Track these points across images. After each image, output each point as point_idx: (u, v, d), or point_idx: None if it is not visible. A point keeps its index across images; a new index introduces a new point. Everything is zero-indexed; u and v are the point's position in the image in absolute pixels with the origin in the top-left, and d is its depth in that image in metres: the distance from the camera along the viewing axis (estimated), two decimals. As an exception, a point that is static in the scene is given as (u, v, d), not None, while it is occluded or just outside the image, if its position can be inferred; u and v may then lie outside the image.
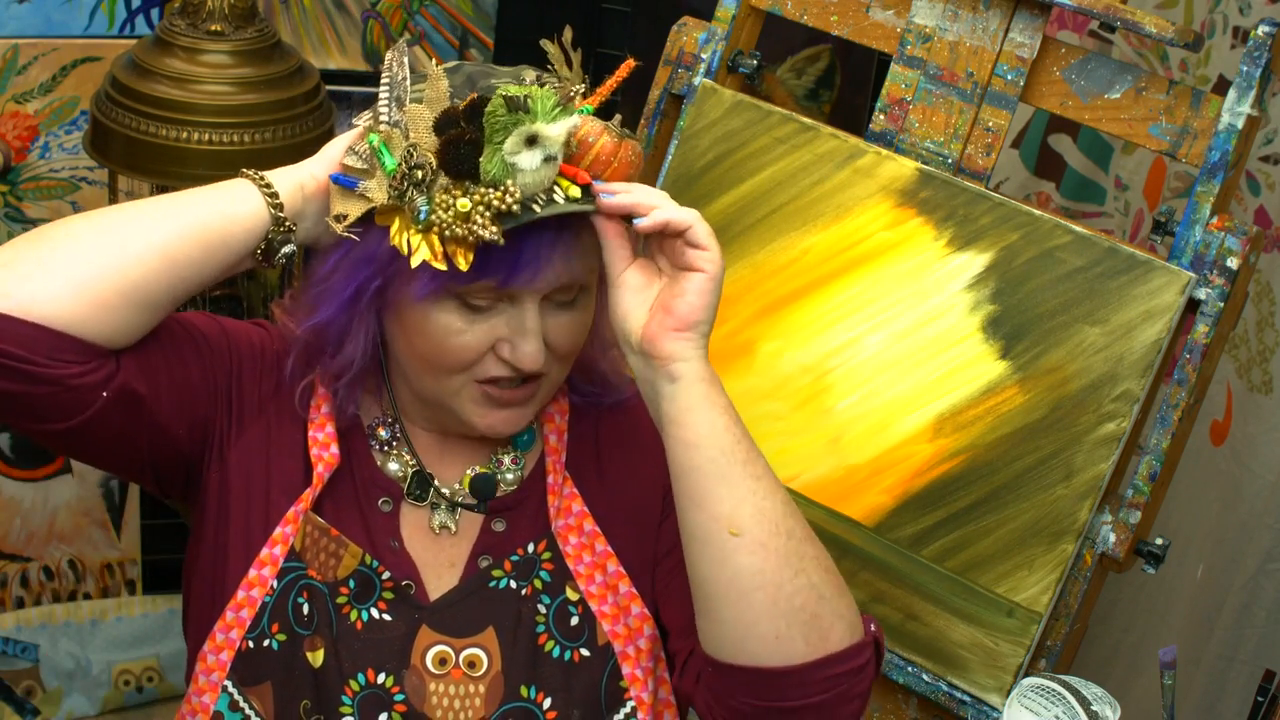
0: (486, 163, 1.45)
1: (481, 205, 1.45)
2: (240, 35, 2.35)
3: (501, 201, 1.44)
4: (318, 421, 1.62)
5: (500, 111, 1.44)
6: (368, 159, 1.52)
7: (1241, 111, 1.90)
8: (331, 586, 1.58)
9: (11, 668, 2.91)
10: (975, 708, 1.95)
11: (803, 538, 1.52)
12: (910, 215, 2.04)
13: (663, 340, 1.51)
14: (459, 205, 1.45)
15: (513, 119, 1.44)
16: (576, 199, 1.47)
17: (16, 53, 2.62)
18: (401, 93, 1.53)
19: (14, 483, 2.86)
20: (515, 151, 1.44)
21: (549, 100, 1.46)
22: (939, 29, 2.08)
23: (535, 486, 1.67)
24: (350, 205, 1.53)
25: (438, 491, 1.64)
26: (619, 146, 1.51)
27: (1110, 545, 1.93)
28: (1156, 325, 1.89)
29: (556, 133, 1.45)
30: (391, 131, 1.51)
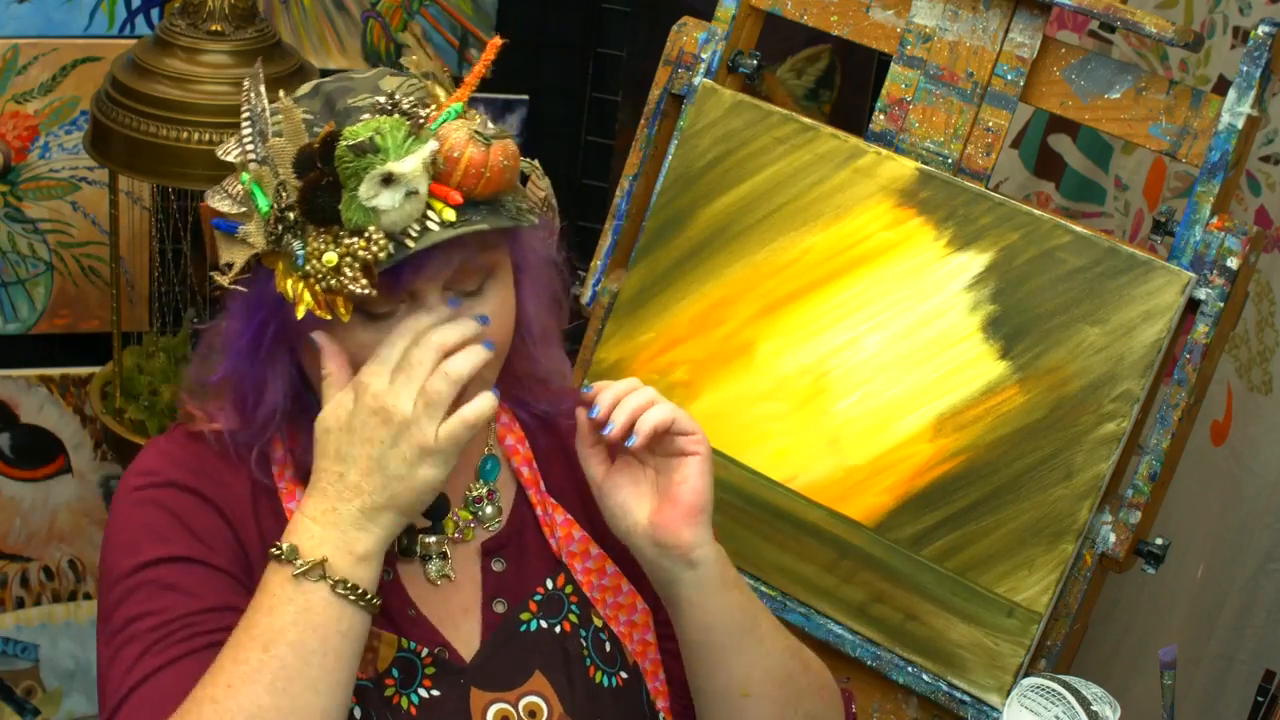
0: (346, 210, 1.37)
1: (348, 257, 1.37)
2: (240, 35, 2.35)
3: (367, 251, 1.37)
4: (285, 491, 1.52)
5: (348, 157, 1.37)
6: (243, 200, 1.45)
7: (1241, 111, 1.90)
8: (377, 680, 1.49)
9: (11, 668, 2.91)
10: (975, 708, 1.95)
11: (799, 672, 1.61)
12: (910, 215, 2.04)
13: (677, 530, 1.51)
14: (326, 260, 1.38)
15: (363, 163, 1.36)
16: (452, 222, 1.38)
17: (16, 53, 2.62)
18: (263, 125, 1.45)
19: (14, 483, 2.86)
20: (372, 196, 1.36)
21: (399, 132, 1.38)
22: (939, 29, 2.08)
23: (526, 520, 1.62)
24: (234, 252, 1.46)
25: (425, 544, 1.56)
26: (487, 154, 1.40)
27: (1110, 545, 1.93)
28: (1156, 325, 1.89)
29: (411, 168, 1.36)
30: (261, 170, 1.43)
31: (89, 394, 2.72)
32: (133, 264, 2.69)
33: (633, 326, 2.18)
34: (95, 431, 2.85)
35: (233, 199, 1.46)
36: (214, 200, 1.47)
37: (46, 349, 2.82)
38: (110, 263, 2.57)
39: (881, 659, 2.00)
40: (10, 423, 2.82)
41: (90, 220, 2.74)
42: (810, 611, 2.04)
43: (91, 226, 2.74)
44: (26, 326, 2.78)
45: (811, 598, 2.04)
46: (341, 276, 1.38)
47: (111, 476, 2.88)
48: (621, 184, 2.27)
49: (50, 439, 2.85)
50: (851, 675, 2.04)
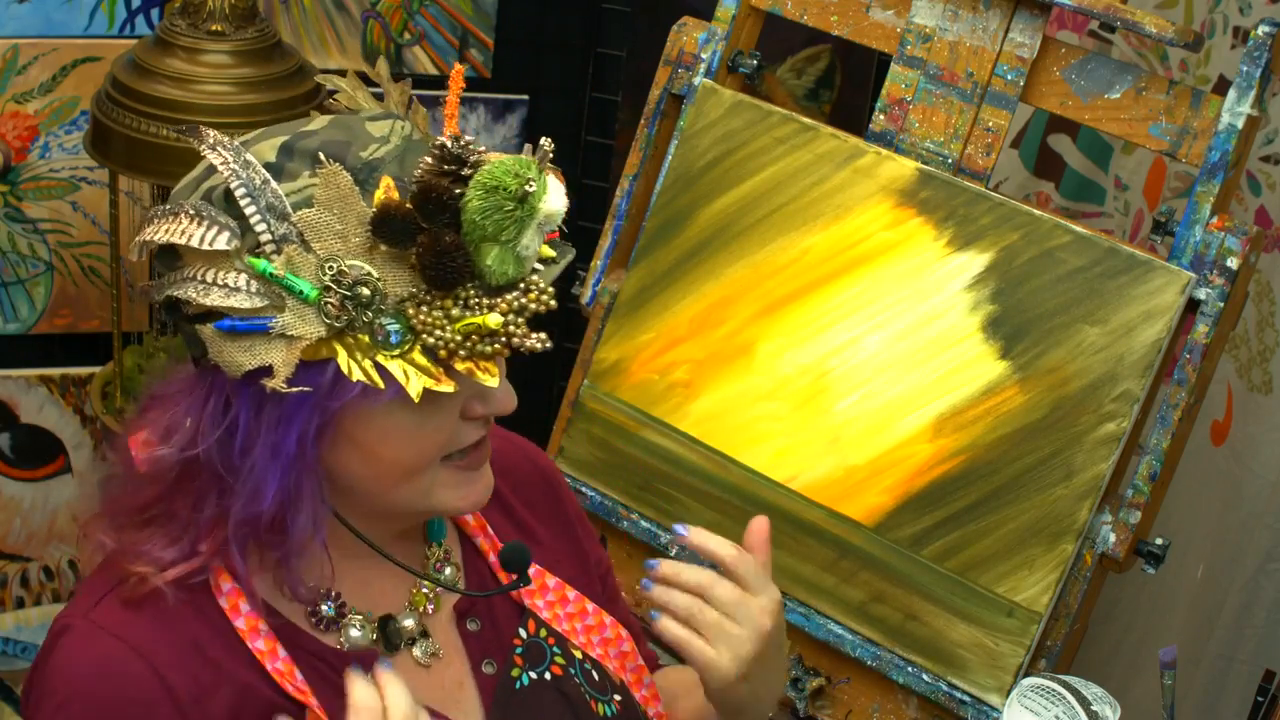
0: (500, 264, 1.26)
1: (513, 314, 1.27)
2: (240, 35, 2.35)
3: (538, 303, 1.27)
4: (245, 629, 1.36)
5: (509, 207, 1.25)
6: (261, 290, 1.28)
7: (1241, 111, 1.90)
8: None
9: (11, 668, 2.91)
10: (975, 708, 1.95)
11: None
12: (910, 215, 2.04)
13: None
14: (489, 322, 1.26)
15: (526, 210, 1.26)
16: (554, 258, 1.32)
17: (16, 53, 2.62)
18: (271, 198, 1.28)
19: (14, 483, 2.86)
20: (529, 243, 1.27)
21: (533, 169, 1.27)
22: (939, 29, 2.08)
23: (481, 572, 1.54)
24: (268, 353, 1.27)
25: (405, 628, 1.46)
26: (562, 180, 1.33)
27: (1110, 545, 1.93)
28: (1156, 325, 1.89)
29: (561, 206, 1.29)
30: (289, 250, 1.27)
31: (89, 394, 2.71)
32: (133, 264, 2.69)
33: (633, 326, 2.18)
34: (95, 431, 2.85)
35: (244, 291, 1.28)
36: (209, 299, 1.28)
37: (46, 349, 2.82)
38: (110, 263, 2.57)
39: (881, 659, 2.00)
40: (10, 423, 2.82)
41: (90, 220, 2.74)
42: (810, 611, 2.04)
43: (91, 226, 2.74)
44: (26, 326, 2.78)
45: (811, 598, 2.04)
46: (512, 335, 1.27)
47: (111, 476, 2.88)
48: (621, 184, 2.27)
49: (50, 439, 2.85)
50: (851, 675, 2.04)
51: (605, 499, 2.17)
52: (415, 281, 1.28)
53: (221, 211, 1.29)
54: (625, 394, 2.17)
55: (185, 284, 1.29)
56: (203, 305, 1.29)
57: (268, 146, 1.31)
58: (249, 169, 1.28)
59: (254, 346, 1.28)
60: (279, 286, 1.27)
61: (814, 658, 2.07)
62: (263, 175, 1.28)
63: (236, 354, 1.28)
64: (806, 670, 2.08)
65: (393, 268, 1.28)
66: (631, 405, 2.16)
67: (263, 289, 1.28)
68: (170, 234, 1.29)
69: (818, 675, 2.07)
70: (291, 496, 1.32)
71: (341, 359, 1.28)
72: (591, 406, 2.19)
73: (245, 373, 1.28)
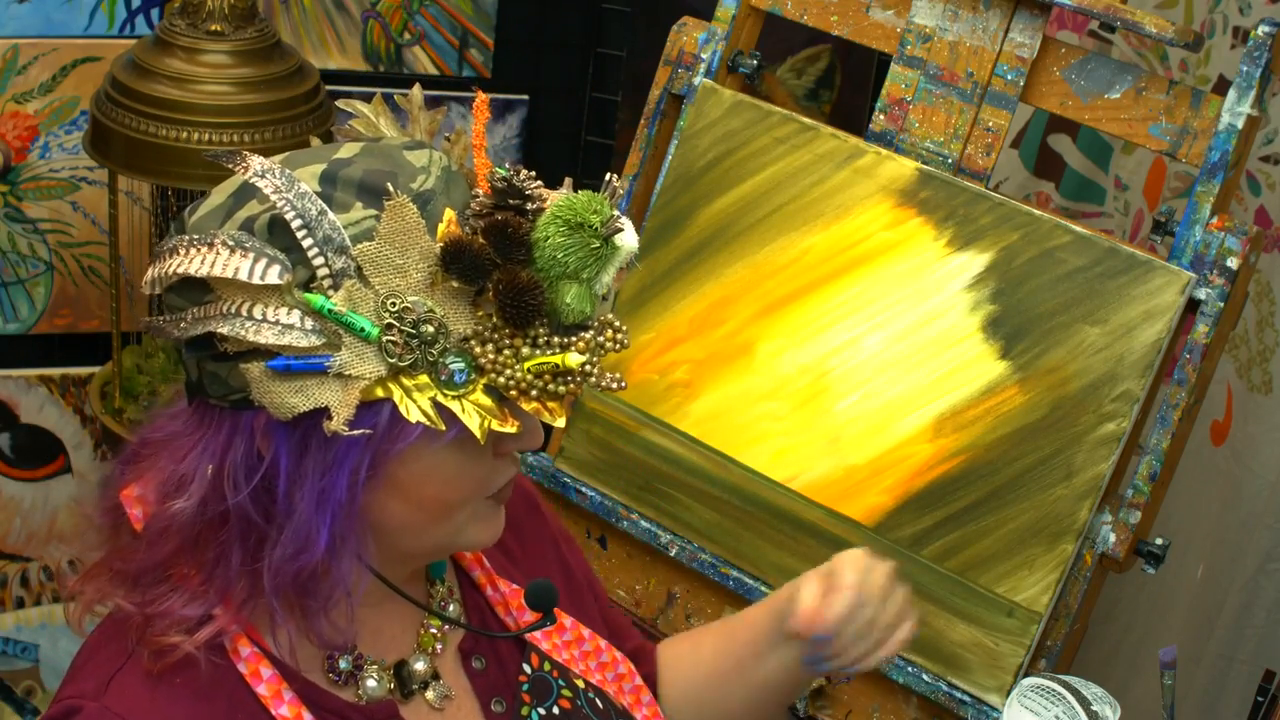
0: (579, 302, 1.23)
1: (590, 354, 1.24)
2: (240, 35, 2.35)
3: (613, 342, 1.25)
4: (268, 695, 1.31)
5: (595, 244, 1.23)
6: (316, 327, 1.22)
7: (1241, 111, 1.90)
8: None
9: (11, 668, 2.91)
10: (975, 708, 1.95)
11: None
12: (910, 215, 2.04)
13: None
14: (568, 361, 1.22)
15: (609, 250, 1.23)
16: (604, 295, 1.28)
17: (16, 53, 2.62)
18: (330, 231, 1.22)
19: (14, 483, 2.86)
20: (603, 281, 1.24)
21: (605, 205, 1.25)
22: (939, 29, 2.08)
23: (478, 605, 1.50)
24: (322, 394, 1.21)
25: (417, 673, 1.42)
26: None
27: (1110, 545, 1.93)
28: (1156, 325, 1.89)
29: (634, 242, 1.26)
30: (349, 286, 1.22)
31: (89, 394, 2.72)
32: (133, 264, 2.69)
33: (633, 326, 2.18)
34: (95, 431, 2.85)
35: (298, 329, 1.22)
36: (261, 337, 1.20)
37: (46, 349, 2.82)
38: (110, 263, 2.57)
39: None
40: (10, 423, 2.82)
41: (90, 220, 2.74)
42: (810, 611, 2.04)
43: (91, 226, 2.74)
44: (26, 326, 2.78)
45: (811, 598, 2.04)
46: (588, 376, 1.24)
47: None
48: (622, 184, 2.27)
49: (50, 439, 2.85)
50: (851, 675, 2.04)
51: (605, 499, 2.17)
52: (480, 319, 1.24)
53: (266, 244, 1.22)
54: (625, 394, 2.17)
55: (227, 320, 1.22)
56: (249, 343, 1.21)
57: (307, 174, 1.25)
58: (304, 199, 1.22)
59: (307, 387, 1.21)
60: (336, 324, 1.21)
61: (814, 658, 2.07)
62: (319, 206, 1.22)
63: (288, 395, 1.22)
64: (806, 670, 2.08)
65: (454, 304, 1.23)
66: (631, 405, 2.16)
67: (318, 326, 1.21)
68: (209, 266, 1.21)
69: (818, 675, 2.07)
70: (337, 544, 1.26)
71: (398, 399, 1.22)
72: (591, 406, 2.19)
73: (298, 415, 1.22)
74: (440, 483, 1.29)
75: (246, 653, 1.30)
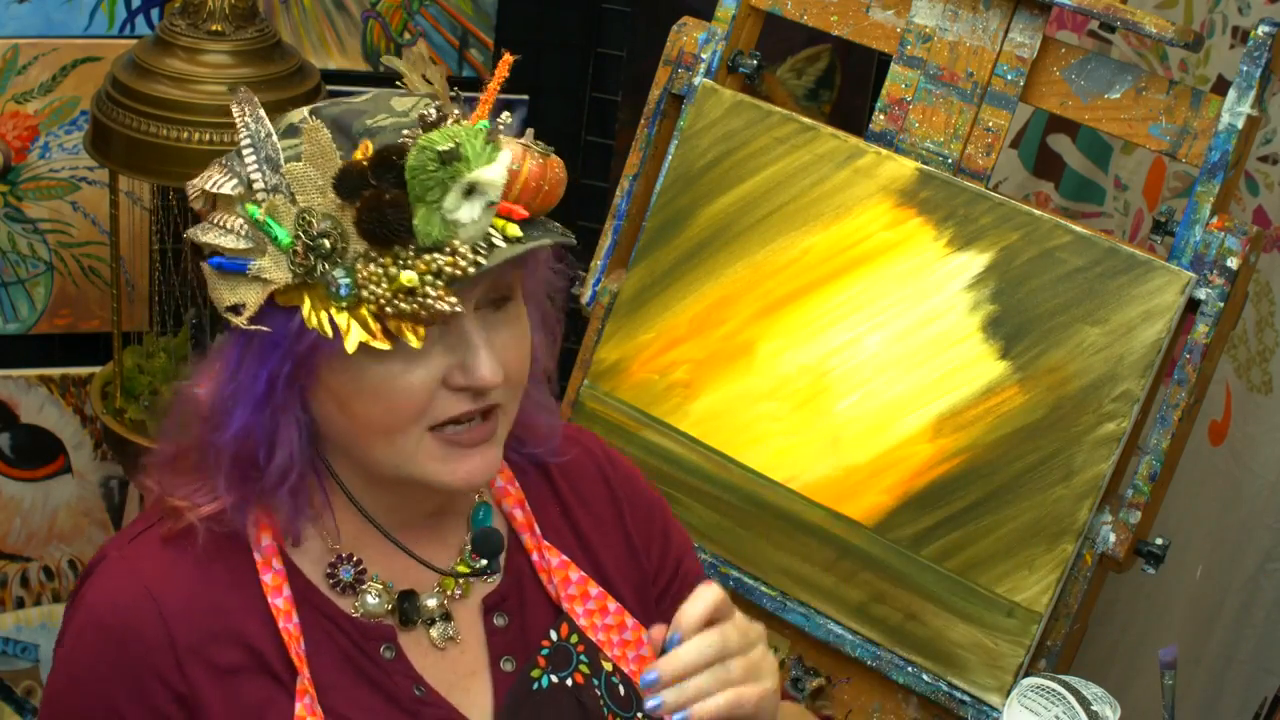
0: (425, 224, 1.30)
1: (430, 275, 1.30)
2: (240, 35, 2.35)
3: (455, 266, 1.30)
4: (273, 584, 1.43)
5: (431, 167, 1.30)
6: (249, 234, 1.35)
7: (1241, 111, 1.90)
8: None
9: (11, 668, 2.91)
10: (975, 708, 1.95)
11: None
12: (910, 215, 2.04)
13: None
14: (403, 279, 1.30)
15: (449, 173, 1.29)
16: (519, 238, 1.33)
17: (16, 53, 2.62)
18: (270, 151, 1.36)
19: (14, 483, 2.86)
20: (455, 207, 1.30)
21: (477, 140, 1.31)
22: (939, 29, 2.08)
23: (522, 567, 1.54)
24: (245, 292, 1.36)
25: (426, 607, 1.48)
26: (544, 168, 1.36)
27: (1110, 545, 1.93)
28: (1156, 325, 1.89)
29: (497, 176, 1.30)
30: (274, 199, 1.35)
31: (89, 394, 2.71)
32: (133, 264, 2.69)
33: (633, 326, 2.18)
34: (95, 431, 2.85)
35: (235, 234, 1.36)
36: (207, 237, 1.37)
37: (46, 349, 2.81)
38: (110, 263, 2.57)
39: (881, 659, 2.00)
40: (10, 423, 2.82)
41: (90, 220, 2.74)
42: (810, 611, 2.04)
43: (91, 226, 2.74)
44: (26, 326, 2.78)
45: (811, 598, 2.04)
46: (425, 296, 1.30)
47: (111, 476, 2.88)
48: (621, 184, 2.27)
49: (50, 439, 2.85)
50: (851, 675, 2.04)
51: (605, 499, 2.17)
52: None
53: (240, 163, 1.38)
54: (625, 394, 2.17)
55: (199, 226, 1.39)
56: (200, 243, 1.38)
57: (298, 112, 1.39)
58: (258, 123, 1.37)
59: (237, 286, 1.36)
60: (262, 232, 1.35)
61: (814, 658, 2.07)
62: (268, 130, 1.37)
63: (223, 291, 1.37)
64: (806, 670, 2.08)
65: None
66: (631, 405, 2.16)
67: (251, 234, 1.35)
68: (202, 181, 1.39)
69: (818, 675, 2.07)
70: (265, 437, 1.39)
71: (305, 307, 1.34)
72: (591, 406, 2.19)
73: (225, 308, 1.37)
74: (368, 399, 1.37)
75: (265, 544, 1.43)
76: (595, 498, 1.61)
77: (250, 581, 1.42)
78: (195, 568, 1.42)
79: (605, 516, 1.61)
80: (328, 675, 1.42)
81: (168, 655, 1.39)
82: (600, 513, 1.61)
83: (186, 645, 1.40)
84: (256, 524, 1.44)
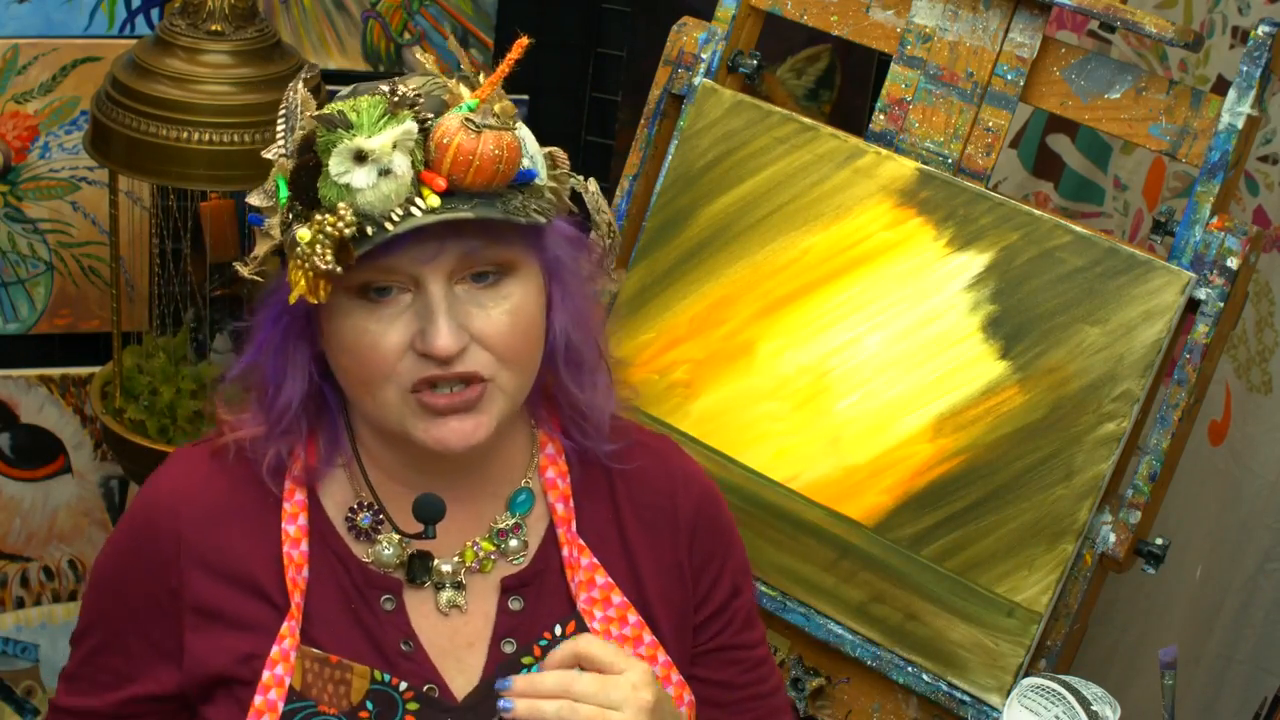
0: (323, 187, 1.38)
1: (320, 234, 1.37)
2: (240, 35, 2.35)
3: (334, 227, 1.36)
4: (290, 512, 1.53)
5: (320, 131, 1.37)
6: (271, 194, 1.46)
7: (1241, 111, 1.90)
8: (350, 714, 1.47)
9: (11, 668, 2.91)
10: (975, 708, 1.95)
11: None
12: (910, 215, 2.04)
13: None
14: (299, 235, 1.38)
15: (333, 137, 1.37)
16: (435, 208, 1.37)
17: (16, 53, 2.62)
18: (294, 121, 1.47)
19: (14, 483, 2.86)
20: (344, 171, 1.36)
21: (374, 110, 1.38)
22: (939, 29, 2.08)
23: (551, 559, 1.57)
24: (260, 245, 1.47)
25: (439, 570, 1.53)
26: (476, 142, 1.38)
27: (1110, 545, 1.93)
28: (1156, 325, 1.89)
29: (379, 144, 1.36)
30: (285, 164, 1.45)
31: (89, 394, 2.71)
32: (133, 264, 2.69)
33: (633, 326, 2.18)
34: (95, 431, 2.85)
35: (264, 193, 1.47)
36: (253, 195, 1.48)
37: (46, 349, 2.81)
38: (110, 263, 2.57)
39: (881, 659, 2.00)
40: (10, 423, 2.82)
41: (90, 220, 2.74)
42: (810, 611, 2.05)
43: (91, 226, 2.74)
44: (26, 326, 2.78)
45: (811, 598, 2.04)
46: (313, 254, 1.37)
47: (111, 476, 2.88)
48: (621, 184, 2.27)
49: (50, 439, 2.85)
50: (851, 675, 2.05)
51: (605, 499, 2.17)
52: None
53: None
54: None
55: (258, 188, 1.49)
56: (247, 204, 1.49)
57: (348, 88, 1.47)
58: (295, 94, 1.46)
59: (259, 240, 1.47)
60: (276, 193, 1.44)
61: (814, 658, 2.07)
62: (302, 101, 1.45)
63: (258, 241, 1.47)
64: (806, 670, 2.08)
65: None
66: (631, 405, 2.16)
67: (271, 194, 1.45)
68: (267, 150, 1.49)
69: (818, 675, 2.07)
70: (274, 378, 1.50)
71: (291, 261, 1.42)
72: (591, 406, 2.19)
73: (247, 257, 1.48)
74: (347, 352, 1.45)
75: (294, 475, 1.53)
76: (655, 510, 1.61)
77: (273, 508, 1.52)
78: (227, 484, 1.53)
79: (661, 532, 1.61)
80: (322, 609, 1.50)
81: (173, 555, 1.50)
82: (656, 526, 1.61)
83: (192, 551, 1.50)
84: (292, 457, 1.52)
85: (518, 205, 1.41)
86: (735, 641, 1.65)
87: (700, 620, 1.62)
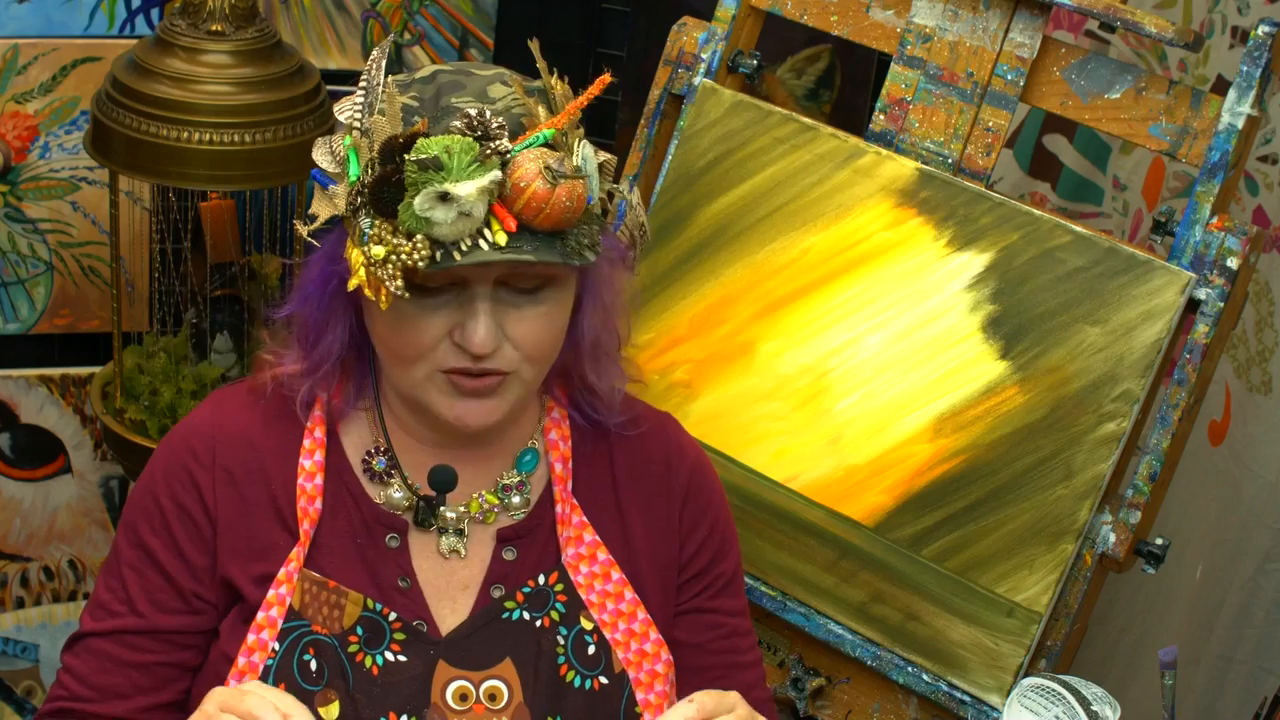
0: (404, 212, 1.44)
1: (394, 256, 1.45)
2: (240, 35, 2.35)
3: (409, 257, 1.44)
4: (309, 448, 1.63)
5: (412, 169, 1.43)
6: (341, 161, 1.53)
7: (1241, 111, 1.90)
8: (340, 637, 1.58)
9: (11, 668, 2.91)
10: (975, 708, 1.95)
11: None
12: (910, 215, 2.04)
13: None
14: (374, 252, 1.45)
15: (424, 177, 1.43)
16: (501, 246, 1.45)
17: (16, 53, 2.62)
18: (374, 98, 1.53)
19: (14, 483, 2.86)
20: (427, 208, 1.43)
21: (466, 156, 1.44)
22: (939, 29, 2.08)
23: (545, 515, 1.67)
24: (321, 206, 1.54)
25: (444, 517, 1.64)
26: (552, 192, 1.46)
27: (1110, 545, 1.93)
28: (1156, 325, 1.89)
29: (466, 192, 1.42)
30: (361, 140, 1.51)
31: (89, 394, 2.71)
32: (133, 264, 2.69)
33: (633, 326, 2.18)
34: (95, 431, 2.85)
35: (334, 156, 1.53)
36: (318, 151, 1.54)
37: (46, 349, 2.81)
38: (110, 263, 2.57)
39: (881, 659, 2.00)
40: (10, 423, 2.82)
41: (90, 220, 2.74)
42: (810, 611, 2.05)
43: (91, 226, 2.74)
44: (26, 326, 2.78)
45: (811, 598, 2.04)
46: (384, 271, 1.45)
47: (111, 476, 2.88)
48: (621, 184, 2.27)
49: (50, 439, 2.85)
50: (851, 675, 2.05)
51: (605, 499, 2.17)
52: None
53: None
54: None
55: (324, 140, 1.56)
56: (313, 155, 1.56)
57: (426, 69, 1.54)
58: (378, 70, 1.53)
59: (320, 199, 1.53)
60: (346, 163, 1.50)
61: (814, 658, 2.07)
62: (381, 77, 1.52)
63: (315, 200, 1.54)
64: (806, 670, 2.08)
65: None
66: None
67: (341, 161, 1.52)
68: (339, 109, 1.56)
69: (818, 675, 2.07)
70: (315, 328, 1.59)
71: (350, 237, 1.50)
72: (592, 406, 2.19)
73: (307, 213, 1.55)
74: (389, 328, 1.54)
75: (317, 414, 1.64)
76: (649, 475, 1.71)
77: (298, 441, 1.62)
78: (261, 415, 1.63)
79: (654, 495, 1.71)
80: (329, 538, 1.61)
81: (207, 470, 1.61)
82: (649, 490, 1.71)
83: (224, 467, 1.61)
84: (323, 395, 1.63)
85: (573, 246, 1.49)
86: (713, 606, 1.73)
87: (682, 581, 1.71)
